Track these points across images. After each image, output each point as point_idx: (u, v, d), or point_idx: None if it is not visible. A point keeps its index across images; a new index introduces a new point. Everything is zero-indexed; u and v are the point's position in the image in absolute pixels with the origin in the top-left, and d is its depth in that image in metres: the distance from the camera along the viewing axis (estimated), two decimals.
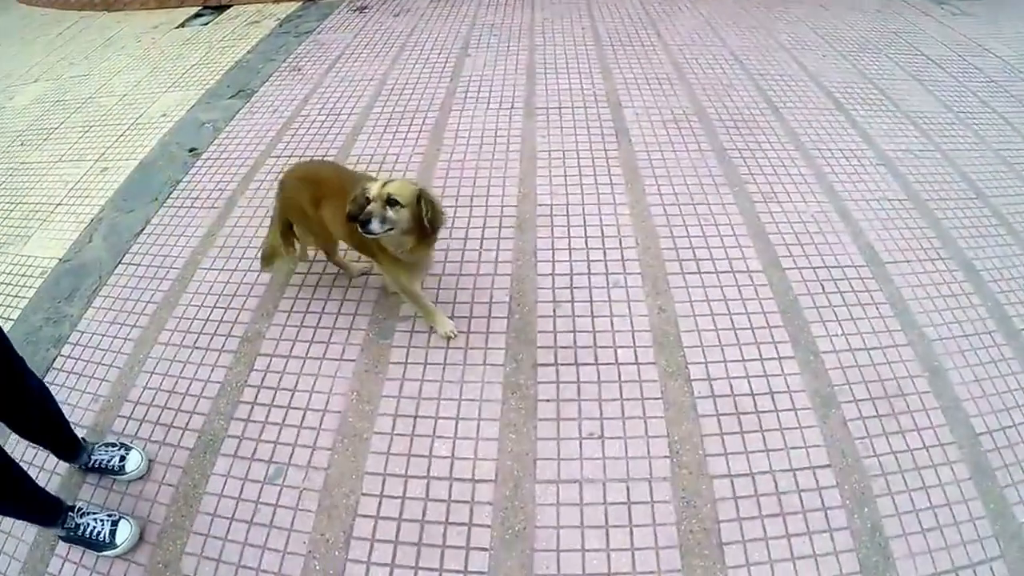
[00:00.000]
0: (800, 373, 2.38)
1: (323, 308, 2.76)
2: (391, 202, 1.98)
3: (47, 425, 2.07)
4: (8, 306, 3.04)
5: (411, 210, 2.03)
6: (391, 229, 2.02)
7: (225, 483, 2.20)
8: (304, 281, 2.90)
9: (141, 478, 2.23)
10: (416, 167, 3.48)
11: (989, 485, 2.10)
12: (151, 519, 2.15)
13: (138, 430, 2.39)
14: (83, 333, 2.82)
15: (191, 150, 3.93)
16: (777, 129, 3.70)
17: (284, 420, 2.36)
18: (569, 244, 2.94)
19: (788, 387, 2.34)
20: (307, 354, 2.58)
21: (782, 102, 4.00)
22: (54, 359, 2.73)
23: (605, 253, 2.86)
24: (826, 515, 2.00)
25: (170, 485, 2.22)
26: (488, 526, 2.04)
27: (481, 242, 2.98)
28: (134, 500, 2.19)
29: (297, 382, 2.48)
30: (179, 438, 2.35)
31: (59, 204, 3.71)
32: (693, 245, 2.89)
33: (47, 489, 2.07)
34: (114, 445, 2.24)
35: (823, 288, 2.71)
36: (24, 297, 3.07)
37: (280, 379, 2.50)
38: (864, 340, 2.51)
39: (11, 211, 3.77)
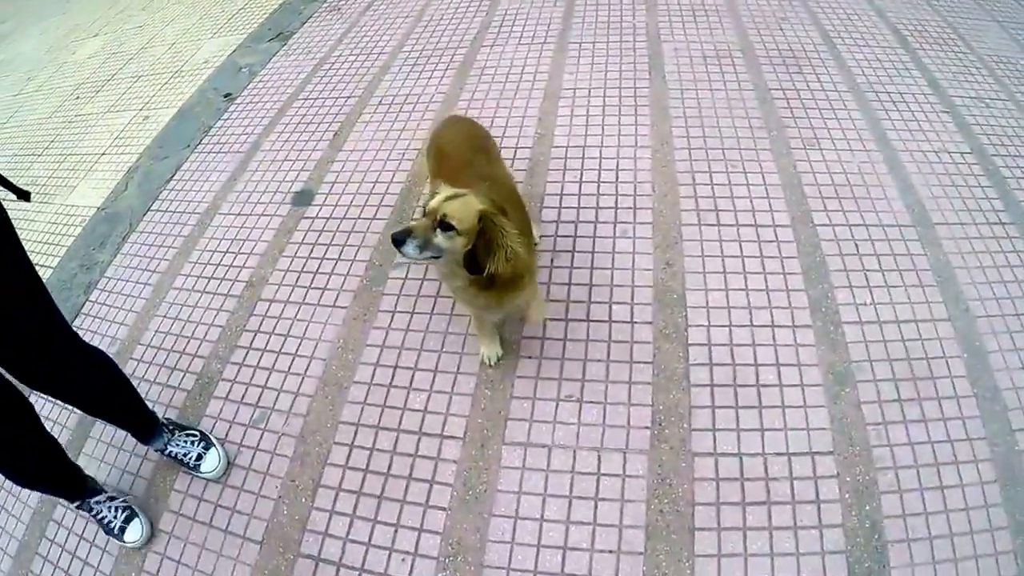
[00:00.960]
0: (815, 345, 1.99)
1: (325, 253, 2.57)
2: (444, 225, 1.42)
3: (93, 394, 1.77)
4: (49, 255, 3.04)
5: (469, 240, 1.46)
6: (436, 257, 1.49)
7: (214, 424, 2.12)
8: (311, 226, 2.70)
9: (218, 480, 1.99)
10: (436, 107, 3.15)
11: (1018, 492, 1.68)
12: (148, 458, 2.09)
13: (146, 372, 2.34)
14: (110, 279, 2.78)
15: (226, 95, 3.75)
16: (831, 68, 3.10)
17: (274, 365, 2.24)
18: (579, 190, 2.57)
19: (799, 359, 1.95)
20: (303, 300, 2.42)
21: (840, 38, 3.35)
22: (83, 304, 2.71)
23: (617, 200, 2.48)
24: (819, 509, 1.65)
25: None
26: (450, 485, 1.84)
27: None
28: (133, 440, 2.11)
29: (290, 327, 2.34)
30: (180, 380, 2.28)
31: (103, 154, 3.65)
32: (715, 194, 2.46)
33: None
34: (195, 436, 2.01)
35: (857, 249, 2.25)
36: (64, 246, 3.05)
37: (275, 324, 2.36)
38: (896, 312, 2.07)
39: (62, 162, 3.75)
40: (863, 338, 2.00)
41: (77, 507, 1.91)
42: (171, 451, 1.99)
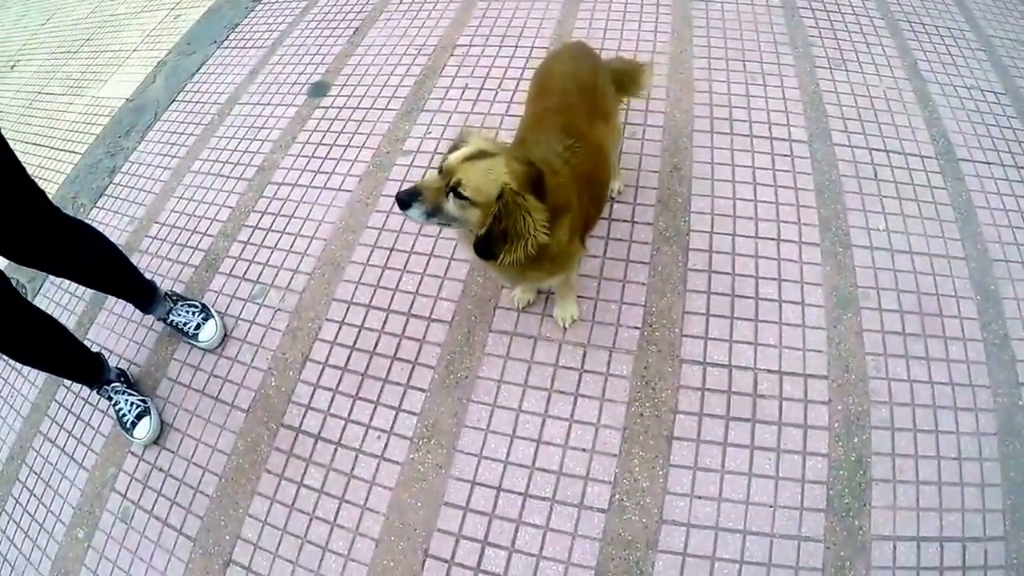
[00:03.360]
0: (821, 264, 1.57)
1: (335, 140, 2.15)
2: (457, 192, 0.98)
3: (95, 268, 1.51)
4: (79, 142, 2.66)
5: (484, 213, 1.00)
6: (446, 224, 1.06)
7: (216, 299, 1.82)
8: (325, 115, 2.26)
9: (214, 350, 1.70)
10: (456, 6, 2.59)
11: (1017, 448, 1.30)
12: (153, 328, 1.81)
13: (159, 248, 2.03)
14: (133, 163, 2.41)
15: None
16: None
17: (276, 244, 1.90)
18: None
19: (802, 277, 1.54)
20: (311, 183, 2.03)
21: None
22: (107, 187, 2.36)
23: (628, 102, 1.98)
24: (805, 434, 1.30)
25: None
26: (432, 367, 1.51)
27: (501, 82, 2.17)
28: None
29: (296, 209, 1.97)
30: (188, 256, 1.97)
31: (135, 50, 3.14)
32: (732, 104, 1.95)
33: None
34: (196, 307, 1.71)
35: (875, 173, 1.78)
36: (93, 134, 2.66)
37: (282, 206, 2.00)
38: (911, 242, 1.62)
39: (95, 59, 3.24)
40: (872, 264, 1.57)
41: (98, 393, 1.64)
42: (172, 320, 1.70)
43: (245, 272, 1.85)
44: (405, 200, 0.99)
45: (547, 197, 1.02)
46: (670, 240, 1.62)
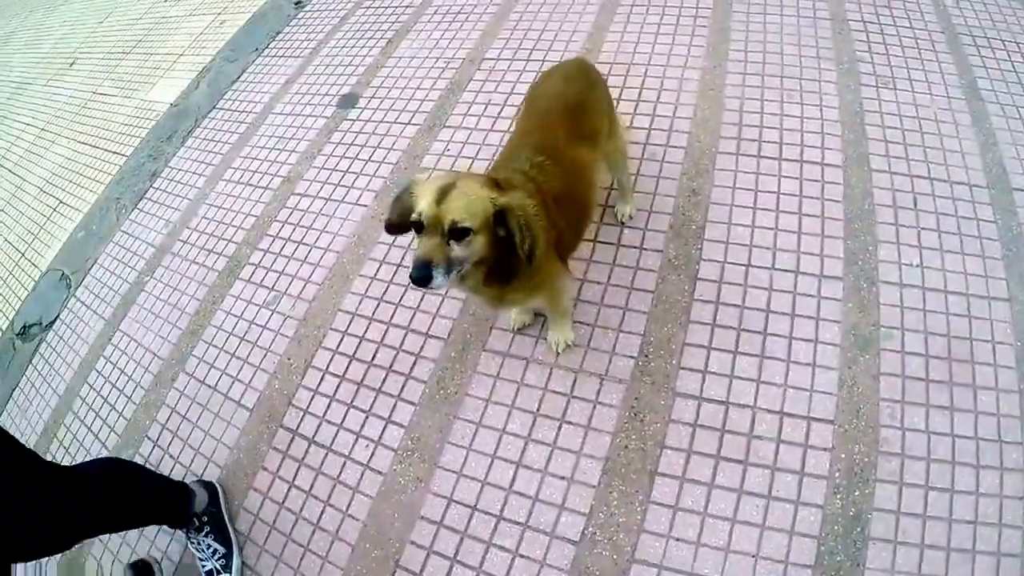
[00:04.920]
0: (842, 300, 1.48)
1: (357, 154, 2.24)
2: (456, 232, 0.95)
3: None
4: (127, 144, 2.88)
5: (485, 235, 0.99)
6: (464, 273, 1.01)
7: (235, 303, 1.96)
8: (351, 127, 2.35)
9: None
10: (488, 18, 2.62)
11: None
12: (177, 326, 1.97)
13: (188, 252, 2.18)
14: (172, 168, 2.60)
15: (297, 3, 3.31)
16: (924, 5, 2.31)
17: (293, 254, 2.01)
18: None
19: (818, 313, 1.47)
20: (331, 196, 2.13)
21: None
22: (147, 190, 2.55)
23: (652, 120, 1.95)
24: (800, 483, 1.23)
25: (197, 299, 2.01)
26: (424, 382, 1.55)
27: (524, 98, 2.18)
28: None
29: (314, 221, 2.08)
30: (214, 262, 2.11)
31: (182, 55, 3.37)
32: (763, 124, 1.87)
33: None
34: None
35: (915, 203, 1.66)
36: (139, 136, 2.88)
37: (302, 217, 2.11)
38: (947, 280, 1.50)
39: (146, 61, 3.50)
40: (900, 302, 1.47)
41: None
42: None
43: (263, 279, 1.97)
44: (424, 274, 0.93)
45: None
46: (678, 268, 1.58)
